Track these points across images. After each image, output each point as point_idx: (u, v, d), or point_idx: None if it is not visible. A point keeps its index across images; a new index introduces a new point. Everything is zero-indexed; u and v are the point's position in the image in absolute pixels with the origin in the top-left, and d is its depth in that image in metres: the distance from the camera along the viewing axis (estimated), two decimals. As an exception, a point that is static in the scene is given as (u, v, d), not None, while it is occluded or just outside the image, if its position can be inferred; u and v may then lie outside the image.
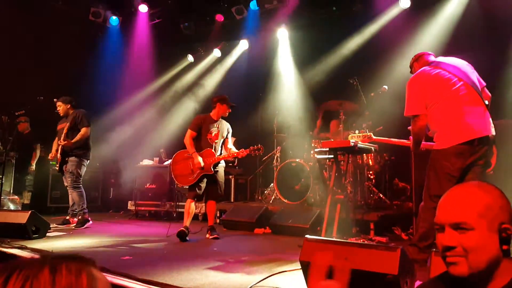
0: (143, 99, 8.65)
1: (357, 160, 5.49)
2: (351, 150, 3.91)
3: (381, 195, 5.65)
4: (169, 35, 8.44)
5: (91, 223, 5.40)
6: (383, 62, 6.20)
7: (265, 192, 6.80)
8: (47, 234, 4.38)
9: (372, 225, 4.69)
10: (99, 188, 7.86)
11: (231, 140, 4.96)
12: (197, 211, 5.78)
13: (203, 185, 4.60)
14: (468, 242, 1.03)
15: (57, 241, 4.18)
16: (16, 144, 6.66)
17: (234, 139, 5.18)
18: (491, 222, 1.04)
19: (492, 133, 2.95)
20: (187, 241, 4.34)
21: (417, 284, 2.07)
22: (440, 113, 2.96)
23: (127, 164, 7.61)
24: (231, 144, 4.91)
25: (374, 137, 3.76)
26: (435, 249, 2.13)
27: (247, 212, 5.53)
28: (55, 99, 5.60)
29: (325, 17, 7.20)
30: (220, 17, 7.93)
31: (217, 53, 8.79)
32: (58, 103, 5.55)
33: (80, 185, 5.39)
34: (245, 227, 5.27)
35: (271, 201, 6.28)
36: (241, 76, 8.37)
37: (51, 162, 6.09)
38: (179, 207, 6.32)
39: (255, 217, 5.27)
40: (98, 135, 6.55)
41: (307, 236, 2.36)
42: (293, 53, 7.95)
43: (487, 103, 3.03)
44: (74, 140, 5.29)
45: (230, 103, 4.77)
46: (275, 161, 6.63)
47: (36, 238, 4.14)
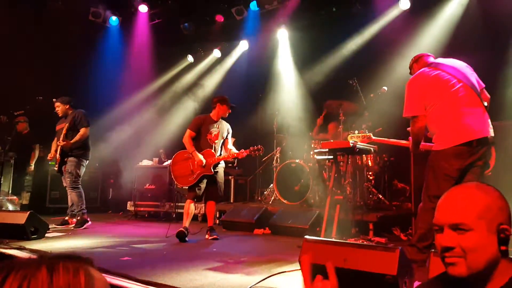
0: (142, 99, 8.64)
1: (356, 161, 5.49)
2: (351, 151, 3.90)
3: (380, 196, 5.66)
4: (169, 35, 8.45)
5: (90, 223, 5.40)
6: (382, 63, 6.21)
7: (265, 192, 6.79)
8: (46, 234, 4.37)
9: (371, 226, 4.69)
10: (98, 188, 7.85)
11: (231, 140, 4.96)
12: (196, 211, 5.78)
13: (203, 185, 4.59)
14: (467, 242, 1.03)
15: (56, 241, 4.17)
16: (15, 144, 6.67)
17: (233, 139, 5.17)
18: (490, 223, 1.04)
19: (491, 134, 2.96)
20: (186, 241, 4.33)
21: (416, 284, 2.07)
22: (439, 114, 2.96)
23: (127, 164, 7.60)
24: (231, 144, 4.90)
25: (373, 137, 3.76)
26: (434, 250, 2.13)
27: (246, 212, 5.52)
28: (54, 99, 5.59)
29: (325, 18, 7.20)
30: (220, 18, 7.94)
31: (217, 53, 8.78)
32: (56, 104, 5.54)
33: (79, 185, 5.38)
34: (245, 227, 5.26)
35: (271, 202, 6.28)
36: (241, 76, 8.37)
37: (50, 162, 6.08)
38: (179, 208, 6.31)
39: (255, 218, 5.27)
40: (97, 135, 6.55)
41: (306, 236, 2.36)
42: (293, 53, 7.96)
43: (486, 104, 3.04)
44: (73, 140, 5.28)
45: (230, 104, 4.76)
46: (274, 162, 6.63)
47: (35, 238, 4.13)
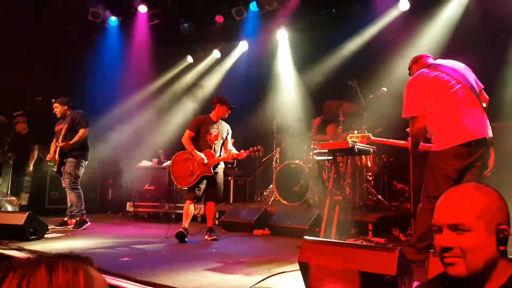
0: (142, 100, 8.63)
1: (356, 161, 5.50)
2: (350, 151, 3.91)
3: (380, 197, 5.66)
4: (168, 35, 8.45)
5: (89, 224, 5.39)
6: (382, 64, 6.21)
7: (264, 193, 6.79)
8: (45, 235, 4.36)
9: (370, 226, 4.69)
10: (98, 189, 7.83)
11: (231, 141, 4.96)
12: (196, 212, 5.77)
13: (202, 186, 4.58)
14: (465, 243, 1.03)
15: (55, 242, 4.16)
16: (13, 145, 6.66)
17: (233, 140, 5.17)
18: (489, 223, 1.04)
19: (489, 135, 2.97)
20: (186, 242, 4.33)
21: (415, 285, 2.08)
22: (438, 115, 2.97)
23: (126, 165, 7.59)
24: (231, 145, 4.89)
25: (372, 138, 3.77)
26: (433, 250, 2.14)
27: (246, 213, 5.52)
28: (52, 100, 5.59)
29: (324, 19, 7.21)
30: (220, 18, 7.94)
31: (216, 54, 8.78)
32: (55, 105, 5.54)
33: (78, 186, 5.37)
34: (244, 228, 5.26)
35: (270, 202, 6.28)
36: (240, 77, 8.37)
37: (49, 163, 6.07)
38: (178, 209, 6.30)
39: (254, 219, 5.27)
40: (96, 136, 6.54)
41: (305, 237, 2.36)
42: (293, 54, 7.96)
43: (484, 105, 3.05)
44: (72, 141, 5.27)
45: (229, 105, 4.75)
46: (274, 163, 6.62)
47: (33, 239, 4.12)
